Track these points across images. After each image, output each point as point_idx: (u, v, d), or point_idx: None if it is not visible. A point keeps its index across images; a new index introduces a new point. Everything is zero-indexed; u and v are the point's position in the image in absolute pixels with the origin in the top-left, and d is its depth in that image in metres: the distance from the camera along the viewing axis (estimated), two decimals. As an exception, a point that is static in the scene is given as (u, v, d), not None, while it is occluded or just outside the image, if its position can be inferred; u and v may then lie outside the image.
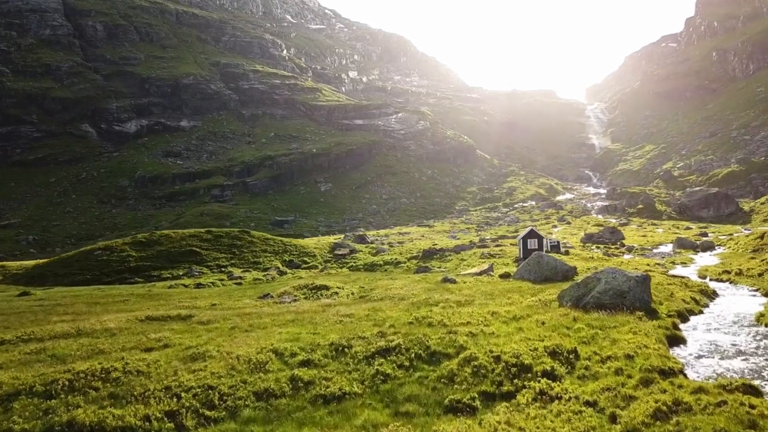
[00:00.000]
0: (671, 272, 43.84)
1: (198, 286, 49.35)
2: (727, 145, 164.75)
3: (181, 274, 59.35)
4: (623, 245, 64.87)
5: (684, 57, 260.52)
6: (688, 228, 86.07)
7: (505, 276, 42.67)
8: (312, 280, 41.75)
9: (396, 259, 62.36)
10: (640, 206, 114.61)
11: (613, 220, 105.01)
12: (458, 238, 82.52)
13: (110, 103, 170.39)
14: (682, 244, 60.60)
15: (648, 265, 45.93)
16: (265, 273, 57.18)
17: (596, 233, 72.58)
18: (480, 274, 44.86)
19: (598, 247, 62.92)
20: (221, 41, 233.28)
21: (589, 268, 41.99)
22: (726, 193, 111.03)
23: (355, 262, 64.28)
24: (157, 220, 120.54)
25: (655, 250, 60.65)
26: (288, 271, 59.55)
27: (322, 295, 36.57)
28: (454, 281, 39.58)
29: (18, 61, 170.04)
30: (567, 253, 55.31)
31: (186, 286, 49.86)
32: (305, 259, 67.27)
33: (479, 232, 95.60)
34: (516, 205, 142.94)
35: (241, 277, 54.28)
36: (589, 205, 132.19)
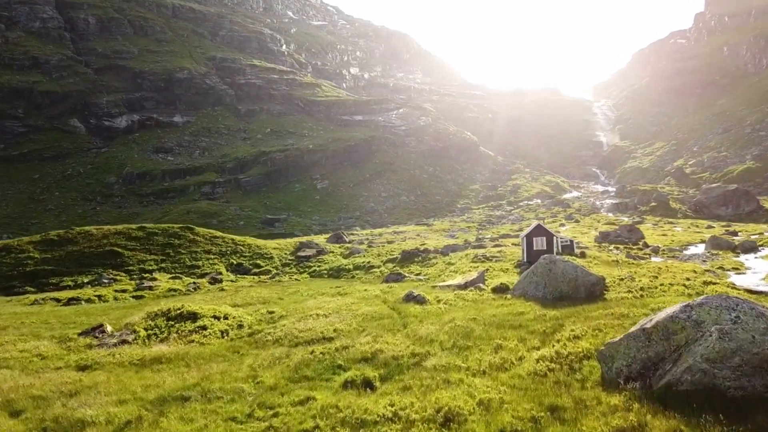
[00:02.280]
0: (738, 283, 32.38)
1: (88, 300, 40.06)
2: (741, 142, 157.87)
3: (86, 281, 49.89)
4: (647, 246, 56.18)
5: (694, 53, 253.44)
6: (709, 227, 79.16)
7: (500, 290, 31.49)
8: (182, 303, 28.52)
9: (369, 262, 53.76)
10: (653, 204, 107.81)
11: (626, 219, 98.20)
12: (456, 238, 75.74)
13: (100, 98, 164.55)
14: (717, 245, 52.14)
15: (695, 272, 35.82)
16: (195, 282, 47.07)
17: (612, 232, 64.71)
18: (465, 286, 33.53)
19: (617, 248, 54.38)
20: (218, 36, 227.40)
21: (621, 279, 32.00)
22: (746, 189, 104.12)
23: (319, 267, 55.15)
24: (142, 218, 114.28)
25: (686, 252, 52.34)
26: (231, 277, 50.70)
27: (181, 331, 24.67)
28: (422, 300, 28.95)
29: (5, 54, 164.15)
30: (583, 255, 46.62)
31: (75, 300, 40.01)
32: (258, 262, 58.03)
33: (480, 231, 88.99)
34: (521, 204, 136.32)
35: (151, 287, 43.82)
36: (598, 203, 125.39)
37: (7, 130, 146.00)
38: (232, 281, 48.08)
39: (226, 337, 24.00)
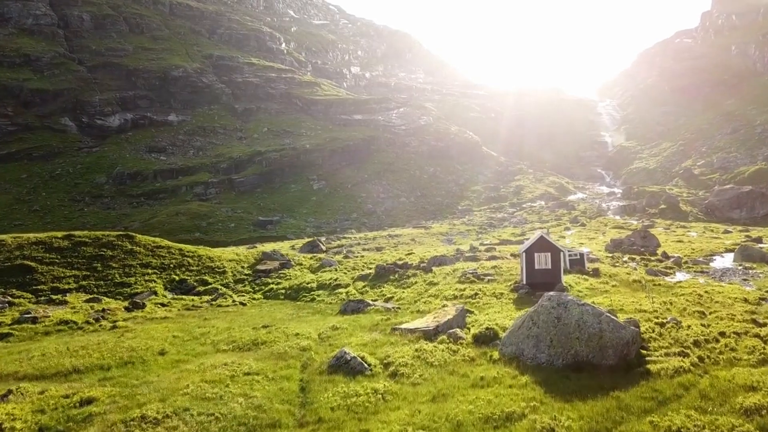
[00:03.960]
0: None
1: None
2: (751, 142, 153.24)
3: (-29, 306, 40.44)
4: (666, 256, 49.10)
5: (701, 52, 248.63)
6: (726, 232, 74.40)
7: (485, 340, 22.68)
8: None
9: (336, 279, 46.44)
10: (663, 206, 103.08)
11: (634, 222, 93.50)
12: (453, 243, 71.23)
13: (93, 96, 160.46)
14: (748, 256, 45.45)
15: (746, 300, 29.49)
16: (106, 309, 37.20)
17: (625, 239, 58.35)
18: (435, 333, 23.76)
19: (632, 259, 47.64)
20: (216, 33, 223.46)
21: (661, 323, 23.96)
22: (761, 191, 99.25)
23: (277, 284, 47.76)
24: (130, 220, 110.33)
25: (713, 264, 45.74)
26: (164, 299, 43.17)
27: None
28: (357, 369, 19.89)
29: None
30: (596, 273, 39.54)
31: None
32: (206, 278, 49.86)
33: (480, 235, 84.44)
34: (524, 205, 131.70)
35: (35, 319, 33.40)
36: (604, 205, 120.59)
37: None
38: (161, 305, 40.69)
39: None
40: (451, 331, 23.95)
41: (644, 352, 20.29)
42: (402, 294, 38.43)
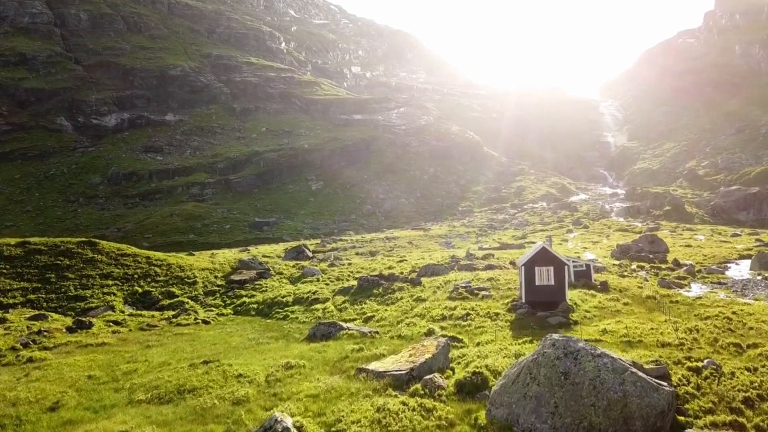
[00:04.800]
0: None
1: None
2: (756, 142, 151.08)
3: None
4: (678, 264, 45.61)
5: (704, 51, 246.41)
6: (735, 235, 72.15)
7: (470, 390, 18.34)
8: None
9: (316, 292, 42.17)
10: (668, 208, 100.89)
11: (639, 224, 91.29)
12: (453, 245, 69.10)
13: (89, 95, 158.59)
14: (767, 264, 42.02)
15: None
16: (39, 335, 32.18)
17: (633, 245, 54.89)
18: (409, 379, 19.13)
19: (641, 267, 44.40)
20: (215, 33, 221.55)
21: (683, 351, 21.42)
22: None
23: (250, 298, 43.64)
24: (124, 221, 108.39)
25: (729, 273, 42.66)
26: (120, 315, 38.29)
27: None
28: None
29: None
30: (605, 287, 35.74)
31: None
32: (173, 290, 45.50)
33: (480, 238, 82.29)
34: (525, 206, 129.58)
35: None
36: (607, 206, 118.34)
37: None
38: (114, 323, 36.60)
39: None
40: (428, 377, 18.92)
41: (682, 419, 15.64)
42: (384, 313, 34.26)
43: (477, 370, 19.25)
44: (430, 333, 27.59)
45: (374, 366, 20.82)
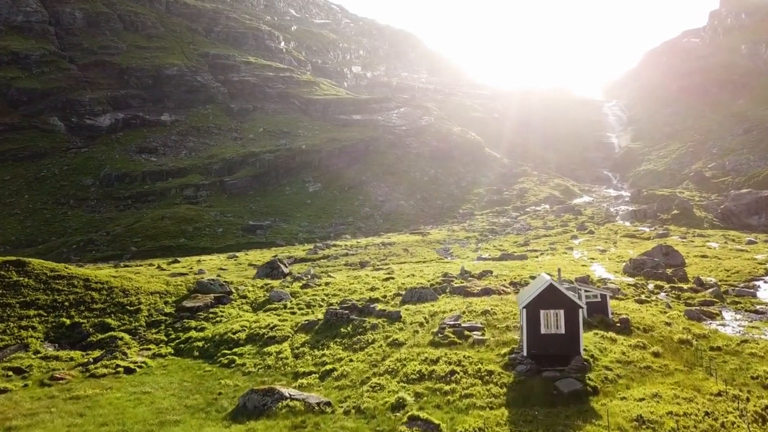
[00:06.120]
0: None
1: None
2: (765, 143, 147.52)
3: None
4: (701, 283, 40.31)
5: (709, 51, 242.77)
6: (750, 242, 68.58)
7: None
8: None
9: (275, 328, 35.85)
10: (676, 212, 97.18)
11: (647, 229, 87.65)
12: (450, 252, 65.74)
13: (83, 95, 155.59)
14: None
15: None
16: None
17: (647, 259, 49.37)
18: None
19: (659, 288, 39.24)
20: (213, 32, 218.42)
21: None
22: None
23: (199, 332, 37.11)
24: (114, 224, 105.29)
25: (761, 295, 37.87)
26: (36, 357, 32.19)
27: None
28: None
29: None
30: (626, 326, 29.57)
31: None
32: (110, 320, 38.59)
33: (480, 244, 78.86)
34: (528, 209, 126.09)
35: None
36: (612, 209, 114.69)
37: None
38: (15, 371, 30.36)
39: None
40: None
41: None
42: (348, 365, 28.10)
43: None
44: (399, 406, 22.12)
45: None
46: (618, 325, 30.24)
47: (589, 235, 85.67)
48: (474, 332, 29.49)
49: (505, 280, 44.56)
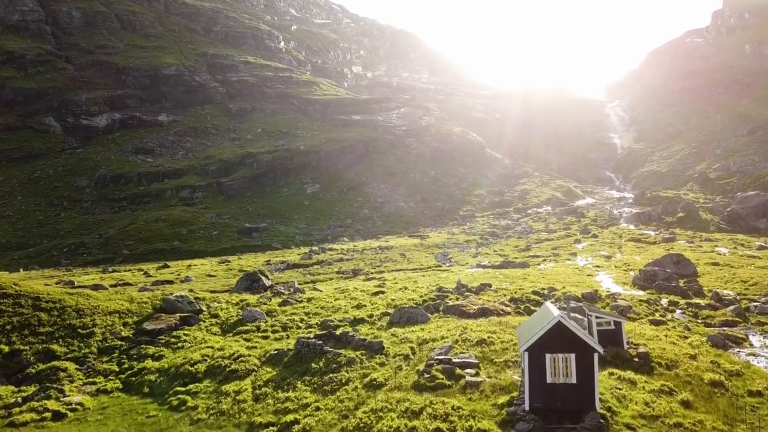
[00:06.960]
0: None
1: None
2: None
3: None
4: (719, 299, 36.96)
5: (712, 51, 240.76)
6: (762, 247, 66.29)
7: None
8: None
9: (240, 358, 32.15)
10: (681, 214, 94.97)
11: (652, 233, 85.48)
12: (449, 258, 63.67)
13: (80, 95, 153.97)
14: None
15: None
16: None
17: (658, 270, 46.12)
18: None
19: (674, 304, 36.35)
20: (212, 31, 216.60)
21: None
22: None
23: (155, 361, 33.10)
24: (108, 226, 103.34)
25: None
26: None
27: None
28: None
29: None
30: (645, 361, 26.07)
31: None
32: (55, 346, 34.57)
33: (480, 248, 76.77)
34: (529, 211, 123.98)
35: None
36: (615, 211, 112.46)
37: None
38: None
39: None
40: None
41: None
42: (312, 417, 23.91)
43: None
44: None
45: None
46: (636, 360, 26.29)
47: (592, 239, 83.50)
48: (467, 370, 25.92)
49: (504, 295, 41.46)
